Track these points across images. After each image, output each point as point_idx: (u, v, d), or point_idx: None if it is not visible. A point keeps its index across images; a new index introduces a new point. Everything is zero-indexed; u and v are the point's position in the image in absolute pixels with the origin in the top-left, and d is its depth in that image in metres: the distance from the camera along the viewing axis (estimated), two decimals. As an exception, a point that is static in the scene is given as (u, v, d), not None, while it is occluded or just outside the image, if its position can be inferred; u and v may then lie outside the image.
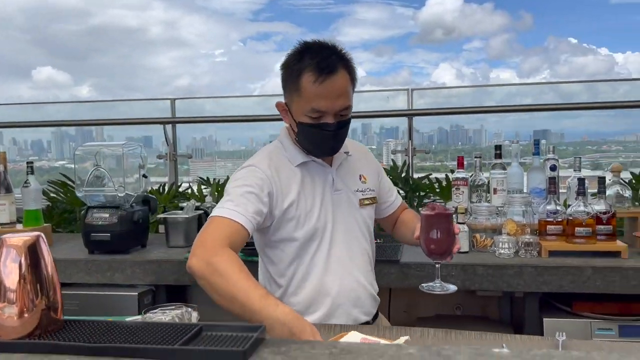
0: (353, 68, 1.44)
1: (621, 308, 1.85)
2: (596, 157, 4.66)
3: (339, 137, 1.45)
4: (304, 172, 1.51)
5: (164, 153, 3.31)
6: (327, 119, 1.40)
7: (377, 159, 1.77)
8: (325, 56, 1.38)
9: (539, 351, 0.80)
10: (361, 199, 1.57)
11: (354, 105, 1.48)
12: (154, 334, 0.88)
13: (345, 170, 1.57)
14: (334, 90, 1.37)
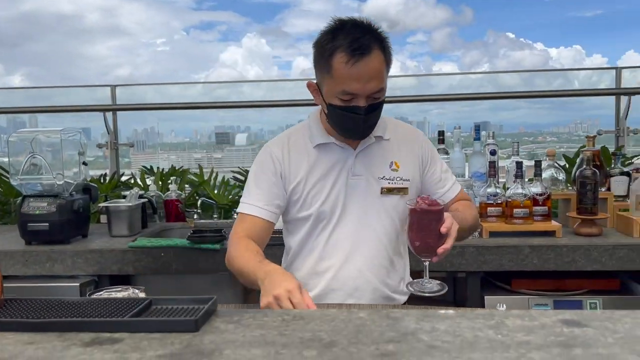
0: (388, 48, 1.37)
1: (556, 284, 1.95)
2: (533, 147, 4.86)
3: (370, 120, 1.39)
4: (320, 153, 1.48)
5: (104, 142, 3.20)
6: (358, 101, 1.34)
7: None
8: (358, 36, 1.31)
9: (482, 311, 0.83)
10: (384, 187, 1.48)
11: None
12: (102, 309, 0.85)
13: (372, 154, 1.49)
14: (366, 72, 1.30)
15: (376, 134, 1.48)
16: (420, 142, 1.55)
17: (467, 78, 4.89)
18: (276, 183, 1.48)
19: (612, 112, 3.04)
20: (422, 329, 0.77)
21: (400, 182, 1.49)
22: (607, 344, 0.70)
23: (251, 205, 1.47)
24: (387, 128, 1.51)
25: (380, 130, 1.48)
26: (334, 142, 1.48)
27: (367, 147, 1.48)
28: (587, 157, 2.01)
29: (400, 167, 1.50)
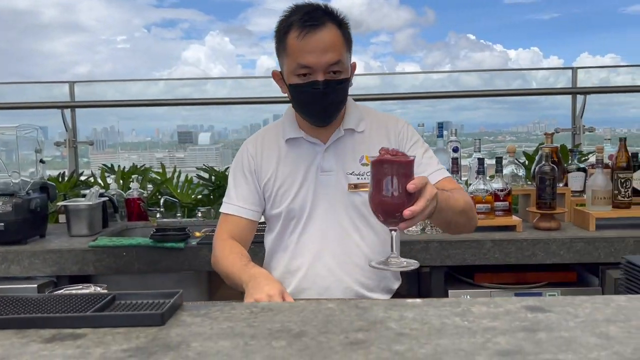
0: (345, 26, 1.35)
1: (517, 277, 2.00)
2: (493, 147, 4.98)
3: (330, 97, 1.33)
4: (290, 149, 1.46)
5: (62, 140, 3.11)
6: (316, 76, 1.31)
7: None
8: (309, 11, 1.32)
9: (448, 299, 0.84)
10: (351, 183, 1.41)
11: None
12: (63, 305, 0.83)
13: (343, 149, 1.44)
14: (320, 43, 1.29)
15: (347, 127, 1.44)
16: (398, 129, 1.47)
17: (430, 78, 4.96)
18: (252, 181, 1.48)
19: (568, 111, 3.14)
20: (391, 318, 0.78)
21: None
22: (569, 327, 0.72)
23: (232, 205, 1.47)
24: (364, 120, 1.46)
25: (352, 123, 1.44)
26: (303, 137, 1.45)
27: (338, 141, 1.44)
28: (545, 154, 2.07)
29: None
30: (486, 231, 2.03)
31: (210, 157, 6.26)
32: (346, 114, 1.45)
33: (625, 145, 2.10)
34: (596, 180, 2.06)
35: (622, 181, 2.07)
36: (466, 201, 1.34)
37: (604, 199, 2.05)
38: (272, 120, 1.71)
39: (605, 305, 0.80)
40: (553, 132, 2.32)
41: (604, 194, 2.05)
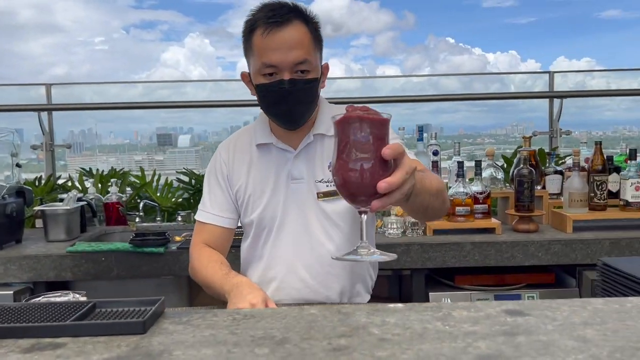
0: (313, 22, 1.31)
1: (496, 279, 2.03)
2: (472, 149, 5.04)
3: (296, 97, 1.29)
4: (261, 154, 1.42)
5: (38, 144, 3.06)
6: (282, 75, 1.27)
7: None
8: (275, 7, 1.28)
9: (430, 303, 0.85)
10: (320, 191, 1.37)
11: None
12: (41, 314, 0.81)
13: (313, 155, 1.39)
14: (285, 41, 1.25)
15: (317, 132, 1.39)
16: None
17: (410, 81, 5.00)
18: (226, 187, 1.46)
19: (545, 114, 3.19)
20: (373, 323, 0.78)
21: None
22: (548, 331, 0.73)
23: (207, 213, 1.46)
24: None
25: (323, 127, 1.39)
26: (274, 143, 1.41)
27: (308, 147, 1.39)
28: (524, 157, 2.10)
29: None
30: (466, 234, 2.05)
31: (190, 160, 6.22)
32: (317, 118, 1.41)
33: (601, 148, 2.15)
34: (573, 183, 2.10)
35: (598, 184, 2.11)
36: (439, 181, 1.25)
37: (580, 201, 2.09)
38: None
39: (582, 309, 0.81)
40: (531, 135, 2.36)
41: (580, 197, 2.09)
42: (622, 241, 1.97)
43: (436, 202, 1.18)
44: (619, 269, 1.39)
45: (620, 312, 0.79)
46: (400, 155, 0.81)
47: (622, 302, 0.83)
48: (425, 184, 1.08)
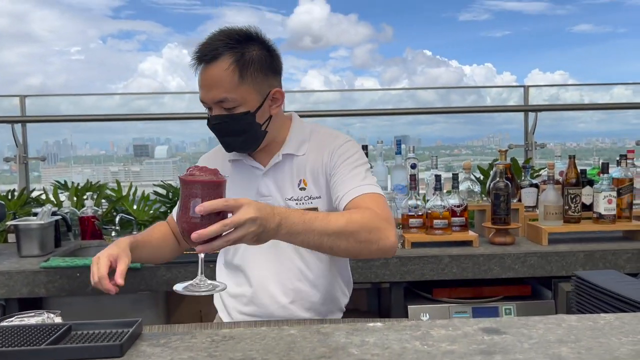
0: (248, 59, 1.29)
1: (474, 292, 2.05)
2: (449, 160, 5.10)
3: (225, 131, 1.32)
4: (234, 170, 1.44)
5: (11, 156, 3.01)
6: (212, 110, 1.31)
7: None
8: (208, 42, 1.29)
9: (409, 322, 0.86)
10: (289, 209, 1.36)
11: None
12: (15, 338, 0.80)
13: (282, 173, 1.40)
14: (207, 79, 1.28)
15: (286, 152, 1.40)
16: (334, 147, 1.38)
17: (388, 93, 5.05)
18: None
19: (521, 126, 3.25)
20: (352, 343, 0.78)
21: (309, 202, 1.37)
22: (524, 349, 0.74)
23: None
24: (306, 142, 1.41)
25: (292, 147, 1.40)
26: (244, 160, 1.43)
27: (276, 166, 1.40)
28: (499, 170, 2.13)
29: (309, 183, 1.38)
30: (444, 246, 2.07)
31: (167, 171, 6.16)
32: (288, 137, 1.42)
33: (575, 162, 2.19)
34: (548, 196, 2.14)
35: (572, 197, 2.15)
36: (352, 220, 1.17)
37: (555, 214, 2.13)
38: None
39: (557, 326, 0.83)
40: (507, 149, 2.39)
41: (555, 209, 2.13)
42: (596, 253, 2.01)
43: (338, 242, 1.16)
44: (592, 282, 1.41)
45: (594, 329, 0.81)
46: (225, 209, 0.96)
47: (595, 319, 0.85)
48: (315, 225, 1.11)
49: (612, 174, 2.19)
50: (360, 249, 1.19)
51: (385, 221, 1.21)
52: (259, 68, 1.30)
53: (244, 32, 1.32)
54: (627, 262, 2.01)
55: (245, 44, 1.30)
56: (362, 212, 1.21)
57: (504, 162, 2.28)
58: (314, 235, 1.11)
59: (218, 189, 0.97)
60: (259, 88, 1.32)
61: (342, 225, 1.15)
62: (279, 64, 1.39)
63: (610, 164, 2.16)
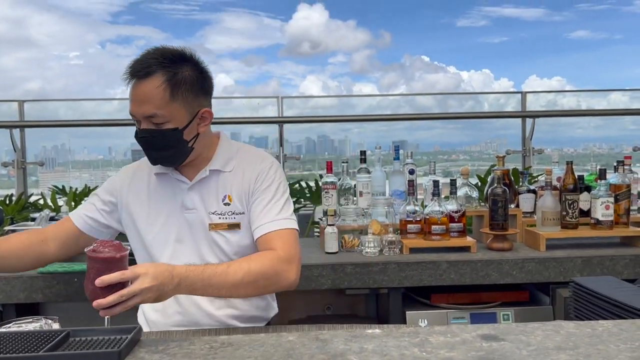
0: (178, 76, 1.34)
1: (472, 297, 2.05)
2: (447, 165, 5.11)
3: (152, 145, 1.37)
4: (159, 183, 1.49)
5: (9, 161, 3.01)
6: (141, 124, 1.36)
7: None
8: (141, 59, 1.34)
9: (407, 328, 0.86)
10: (212, 222, 1.43)
11: (225, 113, 1.45)
12: (13, 344, 0.80)
13: (207, 188, 1.46)
14: (139, 94, 1.33)
15: (213, 167, 1.46)
16: (258, 171, 1.46)
17: (386, 98, 5.07)
18: (101, 209, 1.52)
19: (518, 131, 3.26)
20: (351, 350, 0.78)
21: (232, 217, 1.44)
22: (522, 356, 0.74)
23: (74, 213, 1.54)
24: (233, 159, 1.48)
25: (219, 164, 1.46)
26: (170, 173, 1.47)
27: (203, 181, 1.45)
28: (497, 176, 2.14)
29: (234, 200, 1.45)
30: (442, 252, 2.07)
31: (166, 176, 6.12)
32: (215, 154, 1.48)
33: (572, 168, 2.20)
34: (545, 201, 2.14)
35: (570, 203, 2.15)
36: (250, 272, 1.29)
37: (553, 219, 2.13)
38: (230, 137, 1.71)
39: (555, 333, 0.83)
40: (504, 154, 2.40)
41: (552, 215, 2.13)
42: (594, 259, 2.01)
43: (239, 292, 1.31)
44: (590, 288, 1.42)
45: (592, 336, 0.81)
46: (122, 280, 1.08)
47: (593, 326, 0.85)
48: (213, 281, 1.24)
49: (610, 180, 2.19)
50: (259, 293, 1.39)
51: (286, 263, 1.34)
52: (190, 88, 1.37)
53: (179, 53, 1.38)
54: (625, 268, 2.01)
55: (179, 63, 1.36)
56: (262, 259, 1.33)
57: (502, 168, 2.29)
58: (213, 289, 1.25)
59: (119, 263, 1.10)
60: (189, 107, 1.37)
61: (240, 278, 1.27)
62: (210, 85, 1.45)
63: (607, 169, 2.17)
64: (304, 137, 4.64)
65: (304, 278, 1.94)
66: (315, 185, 2.68)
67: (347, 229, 2.14)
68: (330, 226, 2.08)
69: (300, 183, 2.77)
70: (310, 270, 1.94)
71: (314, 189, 2.69)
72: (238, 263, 1.32)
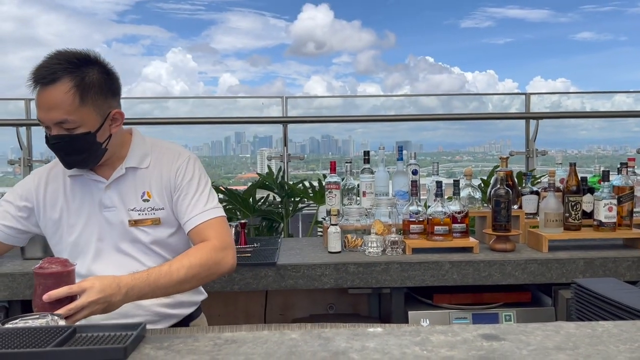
0: (85, 80, 1.33)
1: (474, 298, 2.05)
2: (450, 166, 5.11)
3: (65, 150, 1.37)
4: (74, 184, 1.48)
5: (16, 158, 3.03)
6: (50, 130, 1.35)
7: (250, 169, 1.58)
8: (46, 65, 1.32)
9: (409, 327, 0.87)
10: (132, 219, 1.45)
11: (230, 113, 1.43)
12: (21, 340, 0.81)
13: (124, 186, 1.47)
14: (46, 100, 1.31)
15: (129, 165, 1.47)
16: (177, 165, 1.48)
17: (390, 98, 5.08)
18: (16, 215, 1.49)
19: (522, 132, 3.26)
20: (353, 348, 0.80)
21: (152, 213, 1.46)
22: (522, 356, 0.75)
23: None
24: (149, 155, 1.49)
25: (134, 161, 1.47)
26: (85, 174, 1.47)
27: (120, 179, 1.47)
28: (500, 178, 2.14)
29: (153, 196, 1.47)
30: (444, 252, 2.08)
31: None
32: (130, 151, 1.48)
33: (575, 170, 2.20)
34: (548, 203, 2.15)
35: (573, 204, 2.16)
36: (192, 266, 1.35)
37: (555, 221, 2.14)
38: (234, 139, 1.73)
39: (555, 333, 0.84)
40: (507, 156, 2.41)
41: (555, 217, 2.14)
42: (596, 261, 2.02)
43: (184, 287, 1.37)
44: (592, 290, 1.42)
45: (592, 336, 0.82)
46: (73, 294, 1.14)
47: (594, 327, 0.86)
48: (160, 283, 1.29)
49: (613, 181, 2.19)
50: (203, 283, 1.44)
51: (222, 250, 1.40)
52: (99, 91, 1.36)
53: (83, 56, 1.37)
54: (628, 270, 2.02)
55: (84, 67, 1.35)
56: (200, 252, 1.38)
57: (505, 169, 2.29)
58: (160, 290, 1.31)
59: (66, 278, 1.15)
60: (99, 110, 1.37)
61: (184, 275, 1.33)
62: (118, 86, 1.45)
63: (611, 171, 2.17)
64: (307, 137, 4.65)
65: (307, 277, 1.96)
66: (319, 184, 2.69)
67: (350, 228, 2.16)
68: (334, 226, 2.09)
69: (303, 183, 2.78)
70: (314, 269, 1.95)
71: (318, 188, 2.70)
72: (179, 260, 1.36)
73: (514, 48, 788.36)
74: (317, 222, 2.73)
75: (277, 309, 2.31)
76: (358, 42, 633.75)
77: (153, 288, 1.29)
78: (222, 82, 54.38)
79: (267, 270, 1.95)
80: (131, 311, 1.43)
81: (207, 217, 1.44)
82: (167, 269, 1.32)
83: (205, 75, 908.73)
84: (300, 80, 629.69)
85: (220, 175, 5.54)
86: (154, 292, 1.30)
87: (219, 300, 2.27)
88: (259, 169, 3.48)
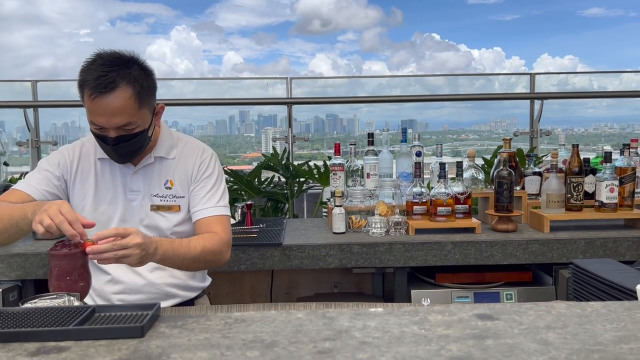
0: (140, 80, 1.42)
1: (476, 277, 2.10)
2: (456, 145, 5.12)
3: (121, 150, 1.46)
4: (104, 166, 1.57)
5: (24, 140, 3.08)
6: (108, 132, 1.41)
7: (254, 149, 1.68)
8: (103, 73, 1.37)
9: (408, 307, 0.92)
10: (154, 204, 1.56)
11: (236, 93, 1.49)
12: (44, 318, 0.86)
13: (151, 173, 1.57)
14: (109, 108, 1.37)
15: (158, 154, 1.57)
16: (201, 160, 1.60)
17: (396, 77, 5.07)
18: (55, 181, 1.55)
19: (527, 111, 3.27)
20: (355, 327, 0.84)
21: (173, 200, 1.57)
22: (514, 334, 0.80)
23: (24, 183, 1.53)
24: (175, 147, 1.60)
25: (163, 151, 1.58)
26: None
27: (147, 166, 1.57)
28: (503, 159, 2.18)
29: (176, 184, 1.58)
30: (447, 233, 2.12)
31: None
32: (159, 141, 1.58)
33: (578, 151, 2.23)
34: (550, 184, 2.18)
35: (575, 185, 2.19)
36: (205, 248, 1.45)
37: (557, 202, 2.17)
38: (239, 118, 1.81)
39: (547, 313, 0.88)
40: (511, 137, 2.43)
41: (557, 198, 2.17)
42: (597, 241, 2.06)
43: (195, 265, 1.48)
44: (588, 270, 1.47)
45: (581, 316, 0.86)
46: (119, 234, 1.20)
47: (583, 307, 0.91)
48: (180, 251, 1.39)
49: (615, 162, 2.22)
50: (203, 268, 1.58)
51: (225, 245, 1.52)
52: (151, 92, 1.48)
53: (128, 58, 1.43)
54: (628, 250, 2.06)
55: (137, 71, 1.42)
56: (212, 239, 1.49)
57: (508, 151, 2.32)
58: (177, 259, 1.39)
59: (81, 258, 1.19)
60: (150, 108, 1.48)
61: (198, 253, 1.44)
62: (156, 81, 1.52)
63: (613, 152, 2.19)
64: (312, 116, 4.67)
65: (312, 257, 2.01)
66: (324, 166, 2.73)
67: (354, 209, 2.20)
68: (338, 207, 2.14)
69: (308, 164, 2.82)
70: (319, 249, 2.01)
71: (323, 170, 2.74)
72: (196, 240, 1.46)
73: (521, 25, 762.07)
74: (322, 203, 2.77)
75: (282, 287, 2.37)
76: (364, 19, 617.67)
77: (172, 255, 1.37)
78: (226, 60, 53.34)
79: (273, 251, 2.00)
80: (144, 288, 1.55)
81: (217, 212, 1.56)
82: (187, 242, 1.42)
83: (210, 53, 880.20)
84: (305, 59, 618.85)
85: (225, 155, 5.58)
86: (172, 259, 1.38)
87: (226, 280, 2.34)
88: (264, 149, 3.52)
